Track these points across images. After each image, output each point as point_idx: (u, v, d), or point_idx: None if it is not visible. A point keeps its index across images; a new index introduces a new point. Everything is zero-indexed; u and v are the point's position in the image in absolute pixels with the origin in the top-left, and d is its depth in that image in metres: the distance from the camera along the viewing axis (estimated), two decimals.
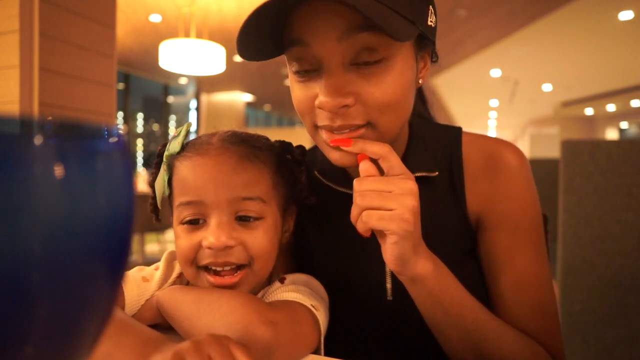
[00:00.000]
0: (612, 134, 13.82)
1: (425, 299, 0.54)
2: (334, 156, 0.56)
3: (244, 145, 0.56)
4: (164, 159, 0.58)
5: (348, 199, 0.63)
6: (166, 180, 0.57)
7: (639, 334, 1.76)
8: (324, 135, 0.56)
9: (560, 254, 1.89)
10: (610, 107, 11.86)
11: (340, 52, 0.51)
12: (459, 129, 0.68)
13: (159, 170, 0.59)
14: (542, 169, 3.44)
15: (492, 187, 0.62)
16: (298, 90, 0.56)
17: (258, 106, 11.91)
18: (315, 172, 0.68)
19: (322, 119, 0.54)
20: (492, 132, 18.37)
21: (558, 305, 1.93)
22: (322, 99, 0.52)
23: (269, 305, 0.49)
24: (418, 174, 0.62)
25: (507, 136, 19.59)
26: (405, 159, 0.63)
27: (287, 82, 0.70)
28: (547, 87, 9.82)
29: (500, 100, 11.27)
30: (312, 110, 0.55)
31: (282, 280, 0.58)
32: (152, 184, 0.61)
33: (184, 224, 0.54)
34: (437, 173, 0.62)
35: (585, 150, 1.81)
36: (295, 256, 0.71)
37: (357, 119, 0.53)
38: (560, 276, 1.90)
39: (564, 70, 8.28)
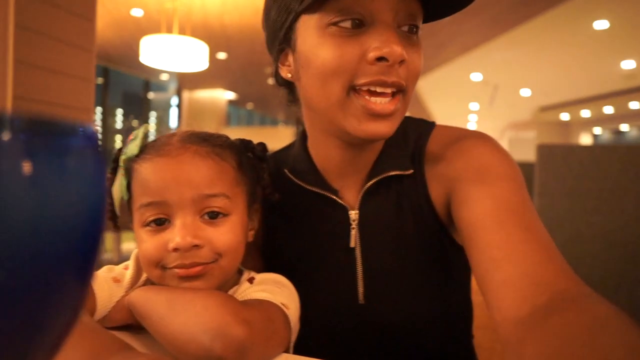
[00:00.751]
0: (586, 139, 14.19)
1: None
2: (369, 126, 0.53)
3: (204, 144, 0.55)
4: (121, 163, 0.56)
5: (320, 199, 0.64)
6: (124, 184, 0.55)
7: None
8: (361, 101, 0.52)
9: None
10: (585, 113, 12.19)
11: (394, 10, 0.52)
12: (432, 124, 0.67)
13: (115, 175, 0.57)
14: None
15: (450, 165, 0.59)
16: (339, 46, 0.52)
17: (240, 104, 11.84)
18: (286, 171, 0.67)
19: (371, 74, 0.51)
20: None
21: None
22: (387, 49, 0.50)
23: (244, 304, 0.49)
24: (392, 173, 0.61)
25: None
26: (380, 158, 0.63)
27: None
28: (525, 92, 10.03)
29: (481, 103, 11.46)
30: (352, 69, 0.52)
31: (251, 280, 0.57)
32: (109, 190, 0.58)
33: (147, 225, 0.53)
34: (412, 171, 0.62)
35: (559, 155, 1.86)
36: (264, 256, 0.70)
37: (404, 80, 0.54)
38: None
39: (541, 76, 8.47)
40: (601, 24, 5.74)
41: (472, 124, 15.81)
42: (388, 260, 0.62)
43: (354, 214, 0.63)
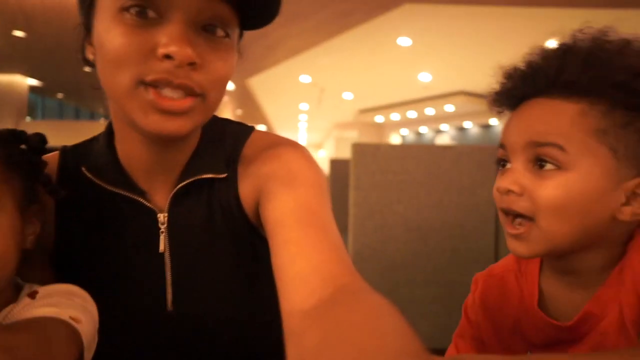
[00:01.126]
0: (396, 139, 16.39)
1: None
2: (154, 120, 0.49)
3: None
4: None
5: (124, 201, 0.59)
6: None
7: (407, 304, 2.15)
8: (150, 95, 0.48)
9: (350, 243, 2.17)
10: (395, 117, 14.08)
11: (195, 8, 0.48)
12: (251, 128, 0.67)
13: None
14: (340, 169, 3.87)
15: (262, 166, 0.60)
16: (127, 35, 0.48)
17: (48, 94, 10.19)
18: (84, 169, 0.60)
19: (159, 72, 0.48)
20: (302, 134, 19.73)
21: None
22: (173, 48, 0.47)
23: (6, 329, 0.42)
24: (205, 176, 0.59)
25: (316, 138, 21.31)
26: (193, 159, 0.61)
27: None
28: (347, 96, 11.05)
29: (310, 104, 12.20)
30: (139, 62, 0.48)
31: (32, 295, 0.50)
32: None
33: None
34: (225, 175, 0.61)
35: (370, 152, 2.12)
36: (56, 265, 0.62)
37: (196, 85, 0.50)
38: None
39: (360, 81, 9.44)
40: (404, 41, 6.69)
41: (302, 124, 16.73)
42: (199, 265, 0.60)
43: (162, 217, 0.60)
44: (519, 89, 0.57)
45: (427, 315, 2.12)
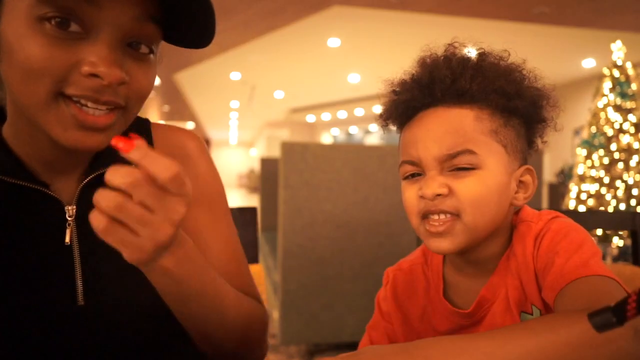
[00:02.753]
0: (327, 139, 16.66)
1: (165, 285, 0.51)
2: (74, 136, 0.48)
3: None
4: None
5: (24, 193, 0.56)
6: None
7: (335, 299, 2.20)
8: (71, 109, 0.47)
9: (280, 241, 2.18)
10: (325, 116, 14.31)
11: (123, 27, 0.48)
12: (147, 120, 0.68)
13: None
14: (270, 167, 3.86)
15: (168, 153, 0.61)
16: (49, 46, 0.46)
17: None
18: None
19: (83, 89, 0.47)
20: (233, 132, 19.38)
21: (279, 285, 2.21)
22: (103, 69, 0.46)
23: None
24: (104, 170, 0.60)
25: (247, 136, 21.05)
26: (99, 152, 0.59)
27: None
28: (279, 94, 11.05)
29: (241, 102, 12.03)
30: (60, 75, 0.46)
31: None
32: None
33: None
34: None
35: (298, 151, 2.14)
36: None
37: (121, 99, 0.50)
38: (280, 260, 2.18)
39: (291, 80, 9.49)
40: (334, 42, 6.82)
41: (233, 121, 16.44)
42: (110, 257, 0.58)
43: (70, 210, 0.58)
44: (417, 99, 0.60)
45: (356, 309, 2.20)
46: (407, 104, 0.61)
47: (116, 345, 0.59)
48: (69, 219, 0.58)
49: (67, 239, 0.58)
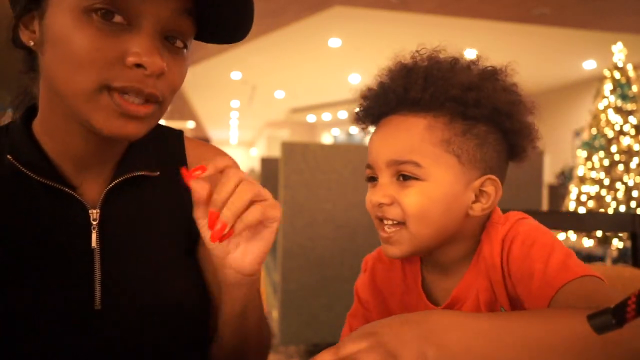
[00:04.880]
0: (327, 139, 16.66)
1: (244, 295, 0.59)
2: (117, 123, 0.51)
3: None
4: None
5: (53, 194, 0.57)
6: None
7: (335, 299, 2.20)
8: (115, 99, 0.50)
9: (280, 241, 2.18)
10: (326, 116, 14.31)
11: (164, 19, 0.51)
12: (181, 132, 0.69)
13: None
14: (271, 167, 3.87)
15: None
16: (97, 39, 0.48)
17: None
18: (10, 158, 0.56)
19: (128, 80, 0.49)
20: (233, 131, 19.40)
21: (279, 285, 2.22)
22: (147, 59, 0.49)
23: None
24: (139, 173, 0.60)
25: (247, 136, 21.06)
26: (129, 154, 0.61)
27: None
28: (279, 94, 11.04)
29: (241, 101, 12.03)
30: (107, 68, 0.49)
31: None
32: None
33: None
34: (158, 173, 0.62)
35: (299, 151, 2.14)
36: None
37: (159, 93, 0.52)
38: (280, 260, 2.19)
39: (292, 80, 9.48)
40: (334, 42, 6.82)
41: (234, 121, 16.45)
42: (130, 263, 0.59)
43: (95, 213, 0.58)
44: (375, 107, 0.63)
45: None
46: (368, 111, 0.64)
47: (129, 351, 0.59)
48: (93, 222, 0.58)
49: (93, 243, 0.58)
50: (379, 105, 0.62)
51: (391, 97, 0.60)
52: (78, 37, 0.48)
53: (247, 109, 13.19)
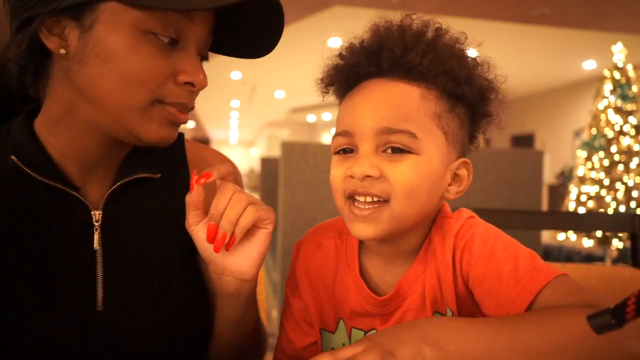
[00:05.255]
0: (327, 138, 16.67)
1: (243, 303, 0.60)
2: (167, 132, 0.56)
3: None
4: None
5: (56, 195, 0.57)
6: None
7: None
8: (168, 110, 0.55)
9: (279, 240, 2.18)
10: (326, 116, 14.31)
11: (204, 40, 0.56)
12: (182, 135, 0.69)
13: None
14: (271, 167, 3.87)
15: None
16: (154, 58, 0.52)
17: None
18: (14, 158, 0.55)
19: (178, 96, 0.54)
20: (233, 131, 19.41)
21: (278, 285, 2.22)
22: (197, 78, 0.54)
23: None
24: (141, 175, 0.60)
25: (247, 136, 21.07)
26: (132, 156, 0.61)
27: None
28: (279, 94, 11.05)
29: (241, 101, 12.03)
30: (161, 85, 0.53)
31: None
32: None
33: None
34: (159, 175, 0.62)
35: (299, 151, 2.15)
36: None
37: (192, 102, 0.58)
38: (280, 259, 2.19)
39: (292, 80, 9.49)
40: (335, 42, 6.82)
41: (234, 121, 16.45)
42: (132, 264, 0.59)
43: (97, 215, 0.58)
44: (362, 66, 0.55)
45: None
46: (350, 69, 0.56)
47: (131, 352, 0.59)
48: (95, 224, 0.58)
49: (96, 245, 0.58)
50: (369, 64, 0.55)
51: (384, 57, 0.54)
52: (137, 56, 0.51)
53: (247, 109, 13.19)
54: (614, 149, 4.75)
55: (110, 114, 0.54)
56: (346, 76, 0.57)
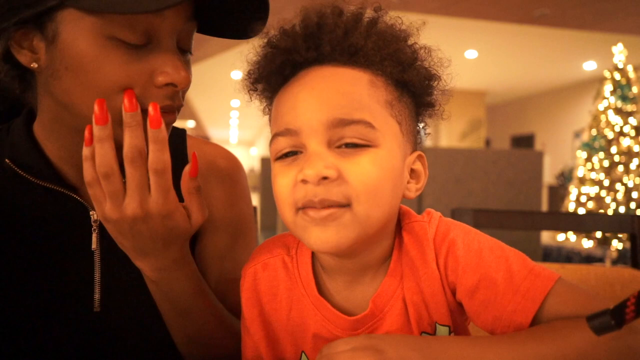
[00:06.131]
0: None
1: (163, 295, 0.56)
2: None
3: None
4: None
5: (54, 196, 0.57)
6: None
7: None
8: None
9: None
10: None
11: (181, 32, 0.52)
12: (184, 131, 0.68)
13: None
14: (268, 167, 3.87)
15: (208, 192, 0.64)
16: (125, 64, 0.48)
17: None
18: (8, 161, 0.56)
19: (162, 98, 0.50)
20: (234, 131, 19.40)
21: None
22: (176, 76, 0.50)
23: None
24: None
25: (247, 135, 21.05)
26: None
27: None
28: None
29: (241, 100, 12.01)
30: (138, 91, 0.49)
31: None
32: None
33: None
34: None
35: None
36: None
37: (180, 104, 0.54)
38: None
39: None
40: None
41: (234, 120, 16.44)
42: (129, 265, 0.58)
43: (96, 215, 0.58)
44: (300, 51, 0.47)
45: None
46: (286, 56, 0.47)
47: (127, 353, 0.59)
48: (93, 224, 0.58)
49: (94, 245, 0.58)
50: (305, 48, 0.47)
51: (324, 39, 0.46)
52: (106, 64, 0.48)
53: (247, 109, 13.13)
54: (614, 149, 4.75)
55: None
56: (279, 66, 0.48)
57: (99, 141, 0.47)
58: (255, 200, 0.95)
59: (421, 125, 0.53)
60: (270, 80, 0.50)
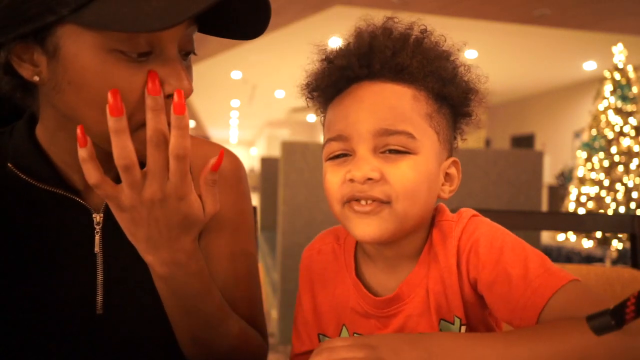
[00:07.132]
0: None
1: (170, 293, 0.55)
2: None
3: None
4: None
5: (57, 200, 0.57)
6: None
7: None
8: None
9: (279, 239, 2.18)
10: None
11: (181, 39, 0.51)
12: None
13: None
14: (271, 167, 3.87)
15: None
16: (128, 77, 0.48)
17: None
18: (10, 165, 0.56)
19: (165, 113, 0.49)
20: (233, 131, 19.40)
21: (278, 285, 2.22)
22: (180, 86, 0.49)
23: None
24: None
25: (247, 135, 21.06)
26: None
27: None
28: (280, 94, 11.04)
29: (242, 101, 12.02)
30: (143, 105, 0.48)
31: None
32: None
33: None
34: None
35: (299, 151, 2.14)
36: None
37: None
38: (279, 259, 2.18)
39: (292, 79, 9.44)
40: (336, 42, 6.81)
41: (234, 120, 16.45)
42: (132, 268, 0.58)
43: (98, 217, 0.58)
44: (353, 68, 0.54)
45: None
46: (341, 72, 0.55)
47: (130, 356, 0.59)
48: (96, 227, 0.58)
49: (97, 248, 0.58)
50: (358, 66, 0.54)
51: (375, 59, 0.54)
52: (109, 80, 0.47)
53: (247, 109, 13.18)
54: (614, 150, 4.75)
55: (95, 138, 0.51)
56: (336, 80, 0.56)
57: (115, 134, 0.46)
58: (255, 200, 0.96)
59: (458, 132, 0.60)
60: (326, 91, 0.58)
